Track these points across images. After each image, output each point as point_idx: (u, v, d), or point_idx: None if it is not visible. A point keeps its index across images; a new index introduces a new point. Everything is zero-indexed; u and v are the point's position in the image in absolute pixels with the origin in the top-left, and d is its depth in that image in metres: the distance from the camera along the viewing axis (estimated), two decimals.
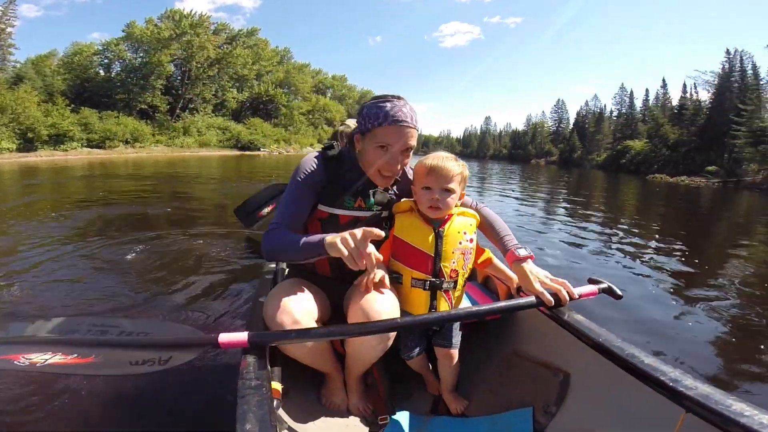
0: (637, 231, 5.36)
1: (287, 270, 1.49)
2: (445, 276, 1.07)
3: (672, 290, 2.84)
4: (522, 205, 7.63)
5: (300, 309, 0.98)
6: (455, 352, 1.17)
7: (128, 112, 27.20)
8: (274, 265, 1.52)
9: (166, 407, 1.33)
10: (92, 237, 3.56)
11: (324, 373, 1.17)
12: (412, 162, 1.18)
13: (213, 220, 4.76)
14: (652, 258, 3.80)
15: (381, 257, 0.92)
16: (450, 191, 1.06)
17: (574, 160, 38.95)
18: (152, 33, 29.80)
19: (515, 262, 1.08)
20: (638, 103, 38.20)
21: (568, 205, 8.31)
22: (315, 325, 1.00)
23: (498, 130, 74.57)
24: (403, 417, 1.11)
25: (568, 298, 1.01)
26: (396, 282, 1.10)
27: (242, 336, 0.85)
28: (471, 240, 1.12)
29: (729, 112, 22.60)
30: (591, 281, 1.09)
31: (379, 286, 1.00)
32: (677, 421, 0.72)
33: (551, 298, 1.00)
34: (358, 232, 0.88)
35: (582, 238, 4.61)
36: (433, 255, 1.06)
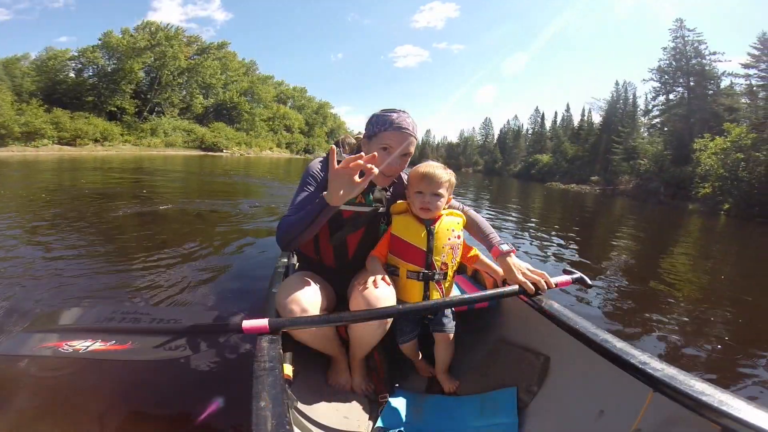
0: (535, 227, 6.29)
1: (297, 264, 1.62)
2: (437, 268, 1.20)
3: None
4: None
5: (308, 298, 1.08)
6: (450, 336, 1.29)
7: (97, 114, 28.37)
8: (285, 260, 1.62)
9: (192, 387, 1.43)
10: (108, 232, 3.70)
11: (330, 357, 1.29)
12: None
13: (224, 218, 4.83)
14: (548, 248, 4.62)
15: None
16: (439, 195, 1.20)
17: (495, 170, 46.09)
18: (128, 42, 31.60)
19: (500, 256, 1.21)
20: (548, 123, 46.43)
21: (489, 206, 9.58)
22: (322, 313, 1.10)
23: (436, 142, 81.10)
24: (401, 395, 1.24)
25: (546, 287, 1.14)
26: (393, 275, 1.22)
27: (263, 322, 0.93)
28: (458, 237, 1.25)
29: (613, 133, 27.01)
30: (566, 272, 1.21)
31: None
32: (645, 399, 0.79)
33: (532, 287, 1.13)
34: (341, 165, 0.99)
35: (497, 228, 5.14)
36: (425, 250, 1.20)
